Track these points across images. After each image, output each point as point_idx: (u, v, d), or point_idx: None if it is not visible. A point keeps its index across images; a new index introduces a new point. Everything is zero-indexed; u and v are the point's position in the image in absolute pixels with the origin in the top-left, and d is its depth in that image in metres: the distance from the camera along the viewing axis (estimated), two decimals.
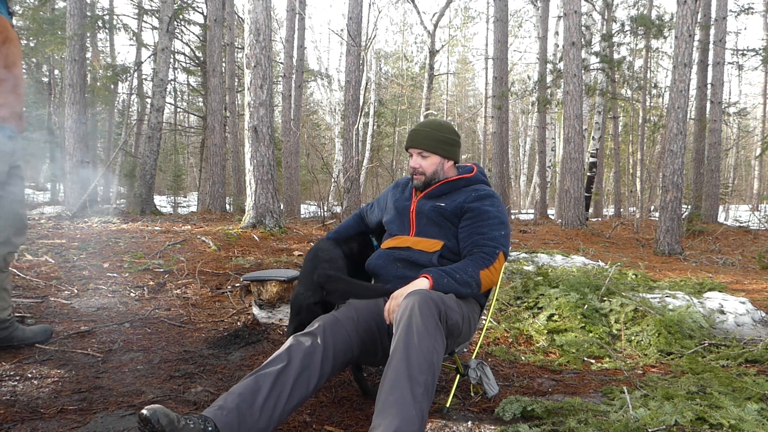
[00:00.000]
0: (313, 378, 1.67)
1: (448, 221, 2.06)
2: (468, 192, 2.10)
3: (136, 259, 4.57)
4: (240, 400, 1.52)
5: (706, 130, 12.58)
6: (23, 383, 2.10)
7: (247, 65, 6.40)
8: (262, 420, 1.53)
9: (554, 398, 2.14)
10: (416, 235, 2.09)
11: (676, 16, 7.72)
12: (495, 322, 3.31)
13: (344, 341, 1.79)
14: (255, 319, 3.13)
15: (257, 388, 1.56)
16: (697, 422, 1.74)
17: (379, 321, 1.91)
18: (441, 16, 18.83)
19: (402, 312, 1.65)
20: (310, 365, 1.67)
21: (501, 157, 12.77)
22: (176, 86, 19.66)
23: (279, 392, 1.58)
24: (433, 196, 2.13)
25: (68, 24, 9.09)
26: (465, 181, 2.14)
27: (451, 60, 29.91)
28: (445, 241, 2.04)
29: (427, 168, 2.12)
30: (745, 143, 26.35)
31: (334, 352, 1.74)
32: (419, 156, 2.13)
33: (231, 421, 1.48)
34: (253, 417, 1.52)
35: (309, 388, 1.66)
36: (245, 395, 1.54)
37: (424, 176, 2.13)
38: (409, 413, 1.46)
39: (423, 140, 2.11)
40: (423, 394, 1.51)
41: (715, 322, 3.36)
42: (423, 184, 2.14)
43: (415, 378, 1.52)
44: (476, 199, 2.06)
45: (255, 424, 1.52)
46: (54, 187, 18.17)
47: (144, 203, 10.17)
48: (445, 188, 2.13)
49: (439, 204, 2.09)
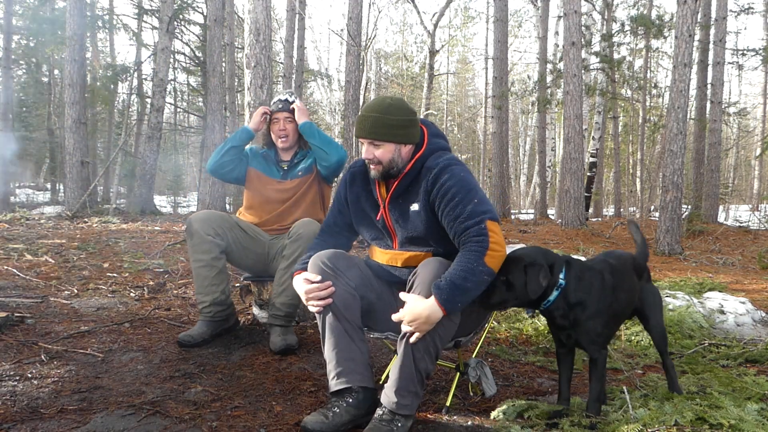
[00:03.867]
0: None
1: (428, 227, 1.89)
2: (425, 176, 1.88)
3: (136, 259, 4.57)
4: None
5: (706, 130, 12.57)
6: (23, 383, 2.10)
7: (247, 65, 6.39)
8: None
9: (554, 398, 2.14)
10: (401, 248, 1.96)
11: (676, 16, 7.71)
12: (495, 322, 3.31)
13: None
14: (255, 319, 3.13)
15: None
16: (697, 422, 1.74)
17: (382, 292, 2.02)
18: (441, 16, 18.83)
19: (416, 283, 1.77)
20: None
21: (501, 157, 12.76)
22: (176, 86, 19.65)
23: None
24: (399, 196, 1.93)
25: (68, 24, 9.09)
26: (419, 163, 1.91)
27: (451, 60, 29.91)
28: (434, 248, 1.91)
29: (382, 157, 1.88)
30: (745, 143, 26.33)
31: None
32: (371, 145, 1.88)
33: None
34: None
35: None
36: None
37: (381, 166, 1.89)
38: (410, 373, 1.76)
39: (372, 129, 1.86)
40: (422, 356, 1.75)
41: (715, 322, 3.36)
42: (382, 174, 1.91)
43: (416, 345, 1.75)
44: (434, 183, 1.85)
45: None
46: (54, 187, 18.16)
47: (144, 203, 10.17)
48: (406, 182, 1.91)
49: (412, 208, 1.90)
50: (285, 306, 2.63)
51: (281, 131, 2.85)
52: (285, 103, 2.86)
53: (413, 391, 1.78)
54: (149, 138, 10.33)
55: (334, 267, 1.90)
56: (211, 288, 2.68)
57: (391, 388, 1.78)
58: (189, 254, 2.73)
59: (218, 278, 2.70)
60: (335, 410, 1.80)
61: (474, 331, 2.06)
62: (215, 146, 11.08)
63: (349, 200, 2.08)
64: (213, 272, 2.67)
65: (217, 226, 2.66)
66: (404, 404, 1.77)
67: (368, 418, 1.82)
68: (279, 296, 2.64)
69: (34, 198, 16.67)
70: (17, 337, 2.62)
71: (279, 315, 2.64)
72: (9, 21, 12.62)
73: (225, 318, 2.78)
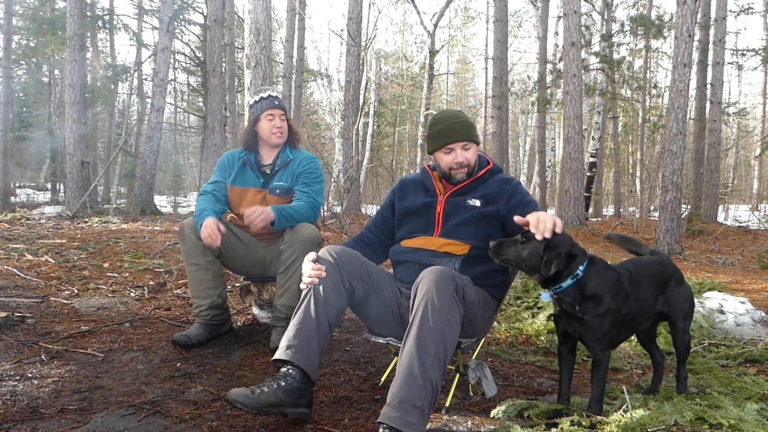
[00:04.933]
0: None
1: (484, 221, 2.01)
2: (497, 186, 2.06)
3: (136, 259, 4.57)
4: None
5: (705, 130, 12.58)
6: (23, 383, 2.11)
7: (247, 65, 6.40)
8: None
9: (554, 398, 2.14)
10: (441, 236, 2.03)
11: (676, 16, 7.72)
12: (495, 322, 3.31)
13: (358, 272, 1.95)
14: (255, 319, 3.13)
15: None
16: (697, 422, 1.74)
17: (390, 290, 2.02)
18: (441, 16, 18.81)
19: (420, 289, 1.71)
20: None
21: (501, 157, 12.76)
22: (176, 86, 19.67)
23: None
24: (462, 193, 2.07)
25: (68, 24, 9.10)
26: (489, 174, 2.11)
27: (451, 60, 29.93)
28: (473, 243, 1.99)
29: (471, 159, 2.05)
30: (745, 143, 26.33)
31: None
32: (462, 149, 2.03)
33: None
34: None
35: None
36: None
37: (468, 167, 2.05)
38: (416, 383, 1.57)
39: (466, 130, 2.03)
40: (432, 363, 1.60)
41: (714, 322, 3.36)
42: (467, 174, 2.06)
43: (424, 349, 1.61)
44: (513, 194, 2.03)
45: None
46: (54, 187, 18.17)
47: (144, 203, 10.17)
48: (475, 184, 2.08)
49: (472, 203, 2.04)
50: (285, 308, 2.63)
51: (278, 128, 2.78)
52: (276, 100, 2.80)
53: (419, 407, 1.56)
54: (149, 138, 10.33)
55: (338, 261, 1.91)
56: (208, 291, 2.67)
57: (393, 402, 1.57)
58: (183, 258, 2.72)
59: (214, 281, 2.69)
60: (264, 389, 1.75)
61: (477, 337, 2.06)
62: (215, 146, 11.14)
63: (396, 202, 2.21)
64: (209, 275, 2.66)
65: None
66: (410, 422, 1.54)
67: (295, 410, 1.77)
68: (280, 298, 2.65)
69: (34, 198, 16.67)
70: (17, 337, 2.62)
71: (280, 317, 2.65)
72: (9, 21, 12.64)
73: (221, 322, 2.77)
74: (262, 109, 2.77)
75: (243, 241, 2.76)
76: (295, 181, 2.78)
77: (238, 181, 2.81)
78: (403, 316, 2.00)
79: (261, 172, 2.81)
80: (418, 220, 2.09)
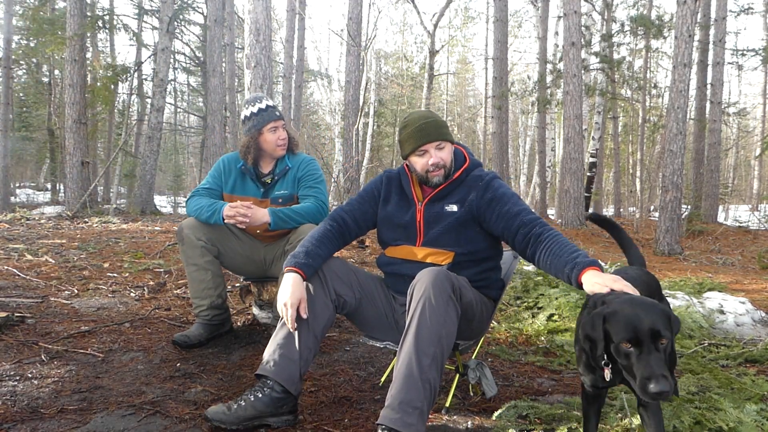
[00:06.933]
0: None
1: (462, 227, 1.95)
2: (471, 185, 1.99)
3: (136, 259, 4.57)
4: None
5: (705, 130, 12.58)
6: (23, 383, 2.11)
7: (247, 65, 6.40)
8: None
9: (554, 398, 2.15)
10: (424, 245, 1.98)
11: (676, 16, 7.72)
12: (495, 322, 3.31)
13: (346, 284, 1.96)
14: (255, 319, 3.13)
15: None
16: (696, 427, 1.74)
17: (383, 296, 2.03)
18: (441, 16, 18.80)
19: (417, 289, 1.70)
20: None
21: (501, 157, 12.77)
22: (176, 86, 19.67)
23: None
24: (440, 198, 2.00)
25: (68, 24, 9.09)
26: (465, 174, 2.02)
27: (451, 60, 29.91)
28: (457, 250, 1.94)
29: (447, 158, 1.97)
30: (745, 143, 26.34)
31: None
32: (436, 149, 1.94)
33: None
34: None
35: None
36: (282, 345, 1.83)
37: (444, 168, 1.97)
38: (415, 384, 1.59)
39: (438, 130, 1.95)
40: (430, 364, 1.61)
41: (714, 322, 3.36)
42: (444, 176, 1.98)
43: (422, 350, 1.62)
44: (486, 189, 1.95)
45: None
46: (54, 187, 18.17)
47: (144, 203, 10.17)
48: (451, 187, 2.00)
49: (449, 209, 1.97)
50: None
51: (282, 140, 2.73)
52: (275, 110, 2.76)
53: (419, 408, 1.58)
54: (149, 138, 10.33)
55: (323, 271, 1.92)
56: (208, 292, 2.67)
57: (393, 404, 1.60)
58: (182, 260, 2.72)
59: (214, 282, 2.68)
60: (241, 403, 1.76)
61: (475, 339, 2.06)
62: (215, 146, 11.14)
63: (381, 203, 2.11)
64: (208, 276, 2.65)
65: (208, 231, 2.62)
66: (409, 423, 1.56)
67: (278, 419, 1.78)
68: None
69: (34, 198, 16.68)
70: (17, 337, 2.62)
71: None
72: (9, 21, 12.64)
73: (221, 322, 2.77)
74: (265, 122, 2.69)
75: (242, 240, 2.76)
76: (297, 186, 2.77)
77: (237, 189, 2.79)
78: (398, 321, 2.01)
79: (261, 182, 2.78)
80: (398, 229, 2.04)
